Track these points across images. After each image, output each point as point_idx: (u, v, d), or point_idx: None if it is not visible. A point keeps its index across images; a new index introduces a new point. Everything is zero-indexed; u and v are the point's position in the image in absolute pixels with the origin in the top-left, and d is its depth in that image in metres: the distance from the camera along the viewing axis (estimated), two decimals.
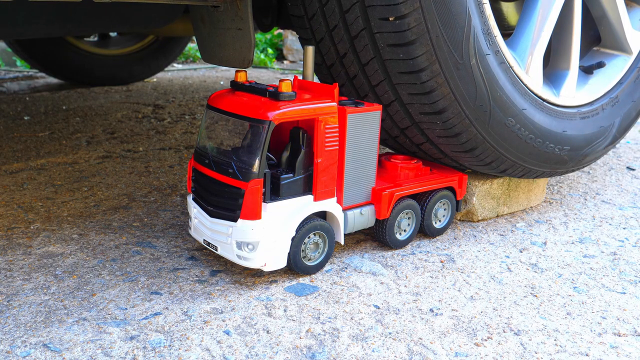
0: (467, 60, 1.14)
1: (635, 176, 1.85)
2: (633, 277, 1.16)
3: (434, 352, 0.89)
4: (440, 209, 1.30)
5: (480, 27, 1.15)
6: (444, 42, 1.11)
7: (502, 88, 1.21)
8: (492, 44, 1.18)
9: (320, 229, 1.10)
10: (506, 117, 1.23)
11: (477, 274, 1.16)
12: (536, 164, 1.35)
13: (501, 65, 1.21)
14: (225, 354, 0.88)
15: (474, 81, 1.17)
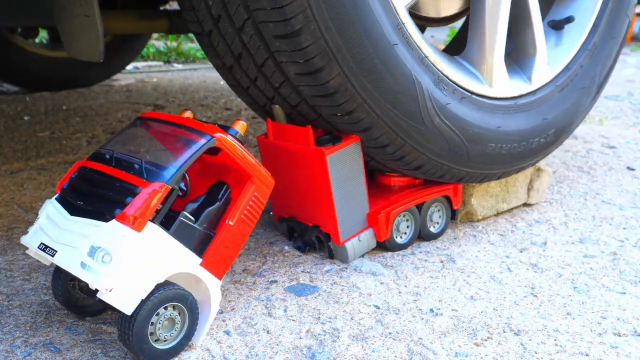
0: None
1: (635, 176, 1.85)
2: (633, 277, 1.16)
3: (434, 352, 0.89)
4: (435, 213, 1.30)
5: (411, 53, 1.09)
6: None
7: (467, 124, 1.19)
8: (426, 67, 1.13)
9: (181, 302, 0.84)
10: (486, 145, 1.24)
11: (477, 274, 1.16)
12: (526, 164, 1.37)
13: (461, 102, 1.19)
14: (225, 354, 0.88)
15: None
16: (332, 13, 0.96)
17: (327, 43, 0.98)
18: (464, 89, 1.21)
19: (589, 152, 2.14)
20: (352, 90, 1.03)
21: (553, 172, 1.85)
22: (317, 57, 0.98)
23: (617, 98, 3.52)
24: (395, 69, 1.06)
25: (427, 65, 1.13)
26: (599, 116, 2.85)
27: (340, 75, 1.01)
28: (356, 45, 1.00)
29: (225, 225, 0.90)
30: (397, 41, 1.06)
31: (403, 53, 1.07)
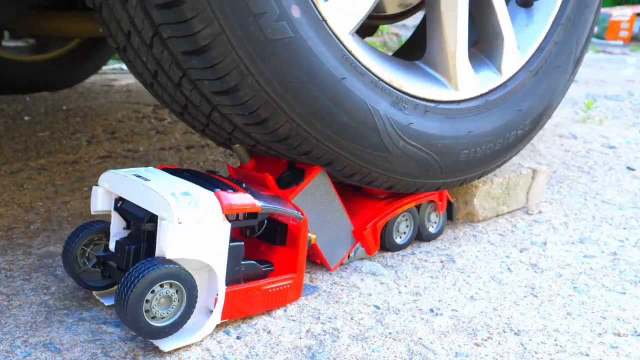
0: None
1: (635, 176, 1.85)
2: (633, 277, 1.16)
3: (434, 352, 0.89)
4: (432, 214, 1.29)
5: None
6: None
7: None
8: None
9: (179, 280, 0.85)
10: (459, 154, 1.19)
11: (477, 274, 1.16)
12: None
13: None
14: (225, 354, 0.88)
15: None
16: (268, 63, 0.91)
17: (268, 94, 0.93)
18: (427, 100, 1.13)
19: (589, 152, 2.14)
20: (305, 134, 0.99)
21: (553, 172, 1.85)
22: (261, 109, 0.94)
23: (617, 98, 3.52)
24: (347, 104, 1.00)
25: (382, 88, 1.06)
26: (599, 116, 2.85)
27: (289, 121, 0.97)
28: (299, 89, 0.95)
29: (258, 287, 0.97)
30: (344, 74, 0.99)
31: (353, 84, 1.01)
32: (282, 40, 0.91)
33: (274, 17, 0.89)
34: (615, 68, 5.41)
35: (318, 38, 0.96)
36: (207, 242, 0.86)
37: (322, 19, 0.96)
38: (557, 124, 2.61)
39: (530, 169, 1.50)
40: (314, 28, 0.95)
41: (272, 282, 0.98)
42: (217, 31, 0.86)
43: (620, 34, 9.37)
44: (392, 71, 1.09)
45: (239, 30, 0.87)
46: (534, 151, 2.11)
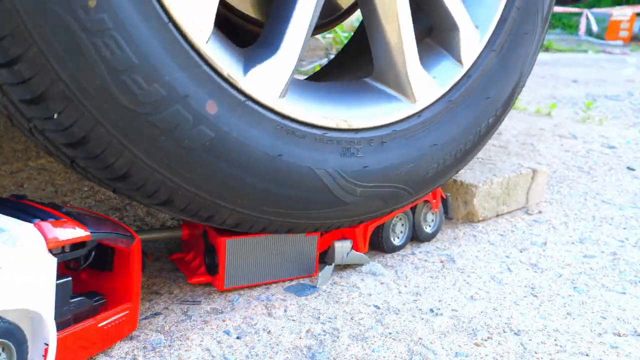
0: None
1: (635, 176, 1.85)
2: (633, 277, 1.16)
3: (434, 352, 0.89)
4: (428, 213, 1.28)
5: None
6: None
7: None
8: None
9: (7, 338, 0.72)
10: (427, 171, 1.09)
11: (477, 274, 1.16)
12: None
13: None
14: (225, 354, 0.88)
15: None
16: (195, 172, 0.85)
17: (205, 198, 0.88)
18: (382, 127, 1.03)
19: (589, 152, 2.14)
20: (254, 218, 0.95)
21: (553, 172, 1.85)
22: (203, 210, 0.91)
23: (617, 98, 3.52)
24: (291, 178, 0.93)
25: (329, 140, 0.97)
26: (599, 116, 2.85)
27: (234, 213, 0.93)
28: (235, 185, 0.89)
29: (93, 326, 0.84)
30: (281, 149, 0.91)
31: (293, 154, 0.93)
32: (203, 145, 0.84)
33: (189, 125, 0.82)
34: (615, 68, 5.41)
35: (245, 123, 0.87)
36: (31, 285, 0.72)
37: (245, 98, 0.87)
38: (557, 124, 2.61)
39: (530, 169, 1.50)
40: (238, 113, 0.86)
41: (106, 316, 0.85)
42: (132, 159, 0.81)
43: (620, 34, 9.37)
44: (337, 109, 0.99)
45: (156, 153, 0.81)
46: (534, 151, 2.11)
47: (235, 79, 0.86)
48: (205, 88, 0.83)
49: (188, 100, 0.81)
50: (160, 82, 0.78)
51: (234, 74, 0.86)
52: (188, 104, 0.81)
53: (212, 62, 0.83)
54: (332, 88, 1.06)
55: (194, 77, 0.81)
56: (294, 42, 0.91)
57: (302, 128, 0.94)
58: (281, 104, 0.91)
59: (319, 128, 0.96)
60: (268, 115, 0.90)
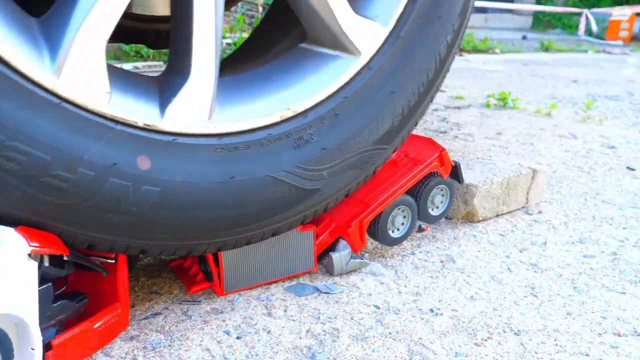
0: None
1: (635, 176, 1.85)
2: (633, 277, 1.16)
3: (434, 352, 0.89)
4: (437, 195, 1.23)
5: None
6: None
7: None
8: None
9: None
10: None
11: (477, 274, 1.16)
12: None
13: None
14: (225, 354, 0.88)
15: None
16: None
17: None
18: (332, 97, 0.96)
19: (589, 152, 2.14)
20: (245, 237, 0.95)
21: (553, 172, 1.85)
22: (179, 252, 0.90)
23: (617, 98, 3.52)
24: (252, 195, 0.89)
25: (277, 139, 0.91)
26: (599, 116, 2.85)
27: (214, 243, 0.92)
28: (203, 223, 0.87)
29: (89, 328, 0.85)
30: (230, 171, 0.87)
31: (244, 171, 0.88)
32: (153, 203, 0.81)
33: (130, 191, 0.79)
34: (615, 68, 5.40)
35: (183, 161, 0.83)
36: (15, 289, 0.72)
37: (172, 137, 0.81)
38: (557, 124, 2.61)
39: (530, 169, 1.50)
40: (172, 156, 0.82)
41: (99, 317, 0.87)
42: (89, 238, 0.80)
43: (620, 34, 9.37)
44: (276, 97, 0.92)
45: (110, 229, 0.79)
46: (534, 151, 2.11)
47: (154, 124, 0.79)
48: (129, 147, 0.77)
49: (118, 167, 0.76)
50: (83, 164, 0.73)
51: (150, 120, 0.79)
52: (120, 171, 0.77)
53: (123, 119, 0.77)
54: (264, 72, 0.96)
55: (112, 142, 0.76)
56: (205, 59, 0.82)
57: (244, 138, 0.88)
58: (212, 125, 0.85)
59: (262, 130, 0.89)
60: (203, 143, 0.84)
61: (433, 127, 2.50)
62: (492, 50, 6.51)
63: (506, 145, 2.18)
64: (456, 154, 2.03)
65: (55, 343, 0.79)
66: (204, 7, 0.80)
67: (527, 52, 6.92)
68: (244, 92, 0.91)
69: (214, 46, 0.83)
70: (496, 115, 2.77)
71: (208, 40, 0.82)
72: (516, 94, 3.48)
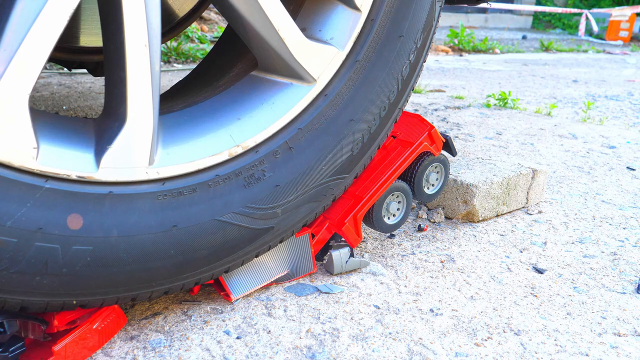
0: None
1: (635, 176, 1.85)
2: (633, 277, 1.16)
3: (434, 352, 0.89)
4: (432, 173, 1.20)
5: None
6: None
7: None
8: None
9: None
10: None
11: (477, 274, 1.16)
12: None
13: None
14: (225, 354, 0.88)
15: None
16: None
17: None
18: (286, 128, 0.91)
19: (589, 152, 2.14)
20: (195, 279, 0.90)
21: (553, 172, 1.85)
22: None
23: (617, 98, 3.52)
24: (199, 241, 0.84)
25: (225, 179, 0.85)
26: (599, 116, 2.85)
27: (159, 289, 0.87)
28: (145, 275, 0.83)
29: (89, 329, 0.83)
30: (173, 220, 0.81)
31: (189, 217, 0.82)
32: (86, 263, 0.76)
33: (59, 253, 0.74)
34: (615, 68, 5.40)
35: (120, 214, 0.77)
36: None
37: (108, 189, 0.75)
38: (557, 124, 2.61)
39: (530, 169, 1.50)
40: (107, 210, 0.75)
41: (97, 317, 0.85)
42: (19, 303, 0.75)
43: (620, 34, 9.37)
44: (225, 133, 0.86)
45: (40, 292, 0.74)
46: (534, 151, 2.11)
47: (89, 176, 0.73)
48: (59, 206, 0.71)
49: (44, 231, 0.70)
50: (5, 232, 0.67)
51: (85, 171, 0.73)
52: (47, 234, 0.70)
53: (54, 173, 0.70)
54: (213, 105, 0.90)
55: (40, 203, 0.70)
56: (142, 102, 0.76)
57: (189, 181, 0.81)
58: (153, 171, 0.78)
59: (209, 170, 0.83)
60: (143, 191, 0.77)
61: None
62: (492, 50, 6.51)
63: (506, 145, 2.18)
64: None
65: (56, 349, 0.79)
66: (138, 47, 0.74)
67: (527, 52, 6.92)
68: (189, 129, 0.84)
69: (151, 87, 0.76)
70: (496, 115, 2.77)
71: (144, 82, 0.75)
72: (516, 94, 3.48)
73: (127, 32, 0.72)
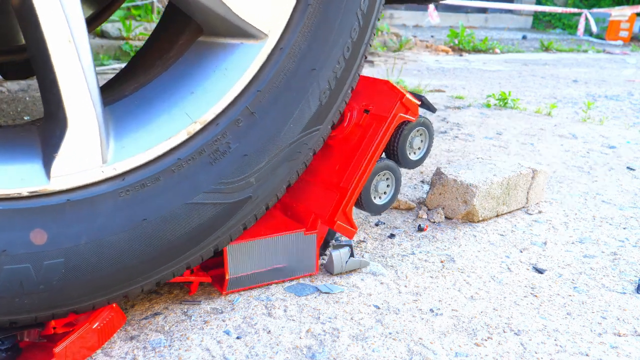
0: None
1: (635, 176, 1.85)
2: (633, 277, 1.16)
3: (434, 352, 0.89)
4: (416, 138, 1.14)
5: None
6: None
7: None
8: None
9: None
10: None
11: (477, 274, 1.16)
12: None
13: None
14: (225, 354, 0.88)
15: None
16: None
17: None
18: (249, 88, 0.85)
19: (589, 152, 2.14)
20: (184, 265, 0.89)
21: (553, 172, 1.85)
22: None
23: (617, 98, 3.52)
24: (173, 230, 0.82)
25: (189, 160, 0.81)
26: (599, 116, 2.85)
27: (147, 284, 0.86)
28: (125, 275, 0.81)
29: (88, 330, 0.84)
30: (141, 214, 0.78)
31: (158, 207, 0.79)
32: (61, 275, 0.74)
33: (31, 272, 0.72)
34: (615, 68, 5.40)
35: (86, 221, 0.74)
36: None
37: (66, 197, 0.72)
38: (557, 123, 2.61)
39: (530, 169, 1.50)
40: (71, 219, 0.73)
41: (96, 317, 0.86)
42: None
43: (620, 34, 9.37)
44: (179, 110, 0.81)
45: (21, 309, 0.73)
46: (534, 151, 2.11)
47: (42, 188, 0.70)
48: (17, 226, 0.68)
49: (9, 252, 0.68)
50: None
51: (36, 186, 0.70)
52: (13, 256, 0.68)
53: (3, 195, 0.68)
54: (162, 83, 0.84)
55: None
56: (81, 101, 0.71)
57: (150, 171, 0.78)
58: (110, 168, 0.74)
59: (169, 155, 0.79)
60: (103, 191, 0.74)
61: (433, 127, 2.50)
62: (492, 50, 6.52)
63: (506, 145, 2.18)
64: (456, 154, 2.03)
65: (56, 351, 0.80)
66: (61, 45, 0.68)
67: (527, 52, 6.92)
68: (141, 115, 0.79)
69: (86, 83, 0.71)
70: (496, 115, 2.77)
71: (77, 80, 0.69)
72: (516, 94, 3.48)
73: (45, 30, 0.67)
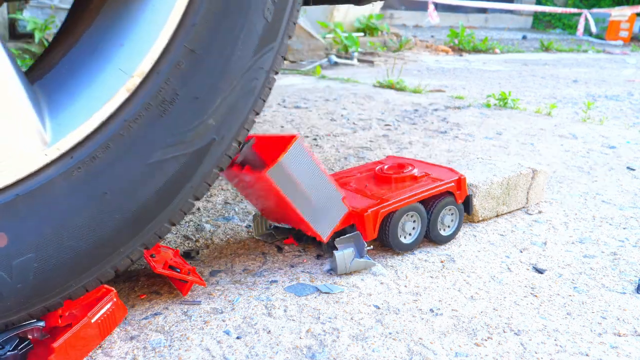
0: None
1: (635, 176, 1.85)
2: (633, 277, 1.16)
3: (434, 352, 0.89)
4: (447, 215, 1.27)
5: None
6: None
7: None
8: None
9: None
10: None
11: (477, 274, 1.16)
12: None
13: None
14: (225, 354, 0.88)
15: None
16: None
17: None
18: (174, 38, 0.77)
19: (589, 152, 2.14)
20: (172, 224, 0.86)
21: (553, 172, 1.85)
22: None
23: (617, 98, 3.52)
24: (138, 195, 0.77)
25: (147, 108, 0.76)
26: (599, 116, 2.85)
27: (136, 252, 0.84)
28: (108, 250, 0.79)
29: (87, 324, 0.84)
30: (101, 187, 0.74)
31: (118, 177, 0.75)
32: (36, 272, 0.72)
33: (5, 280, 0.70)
34: (615, 68, 5.40)
35: (42, 213, 0.70)
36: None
37: (15, 195, 0.68)
38: (557, 124, 2.61)
39: (530, 169, 1.50)
40: (24, 215, 0.69)
41: (96, 311, 0.85)
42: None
43: (620, 34, 9.37)
44: (112, 59, 0.74)
45: (13, 312, 0.73)
46: (534, 151, 2.11)
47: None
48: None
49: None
50: None
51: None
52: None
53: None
54: (89, 40, 0.77)
55: None
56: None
57: (97, 141, 0.73)
58: (53, 149, 0.69)
59: (112, 120, 0.73)
60: (54, 174, 0.70)
61: (433, 127, 2.50)
62: (492, 50, 6.51)
63: (506, 145, 2.18)
64: (456, 154, 2.03)
65: (56, 346, 0.80)
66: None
67: (527, 52, 6.92)
68: (73, 84, 0.73)
69: (1, 68, 0.65)
70: (496, 115, 2.77)
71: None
72: (516, 94, 3.48)
73: None
